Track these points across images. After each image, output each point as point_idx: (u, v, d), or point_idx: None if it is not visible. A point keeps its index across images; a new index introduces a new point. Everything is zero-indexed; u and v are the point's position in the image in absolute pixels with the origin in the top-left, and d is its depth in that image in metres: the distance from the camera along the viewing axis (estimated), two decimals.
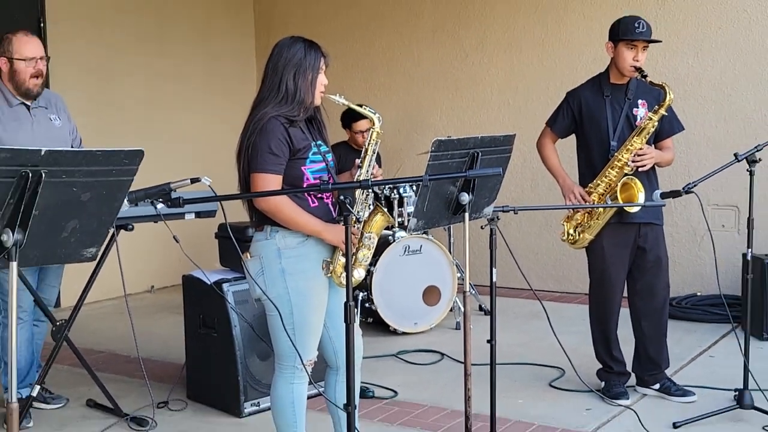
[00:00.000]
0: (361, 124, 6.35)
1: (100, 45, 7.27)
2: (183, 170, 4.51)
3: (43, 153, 1.96)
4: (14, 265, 2.01)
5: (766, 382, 4.31)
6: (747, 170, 4.09)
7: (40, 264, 3.66)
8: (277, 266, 3.31)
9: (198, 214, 4.33)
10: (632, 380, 4.59)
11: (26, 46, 4.20)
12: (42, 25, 6.84)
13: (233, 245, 3.37)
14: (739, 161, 4.07)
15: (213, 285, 4.39)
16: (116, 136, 6.89)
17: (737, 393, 4.17)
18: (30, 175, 1.95)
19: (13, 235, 1.98)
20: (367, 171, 3.40)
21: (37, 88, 4.23)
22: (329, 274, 3.36)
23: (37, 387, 4.33)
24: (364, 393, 4.58)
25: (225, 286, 4.42)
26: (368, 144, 3.43)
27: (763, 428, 3.98)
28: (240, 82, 8.26)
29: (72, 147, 4.32)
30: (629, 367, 4.57)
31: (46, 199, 1.99)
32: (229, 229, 3.28)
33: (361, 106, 3.49)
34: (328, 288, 3.40)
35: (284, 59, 3.35)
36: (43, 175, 1.96)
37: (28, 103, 4.27)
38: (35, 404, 4.40)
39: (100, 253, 2.33)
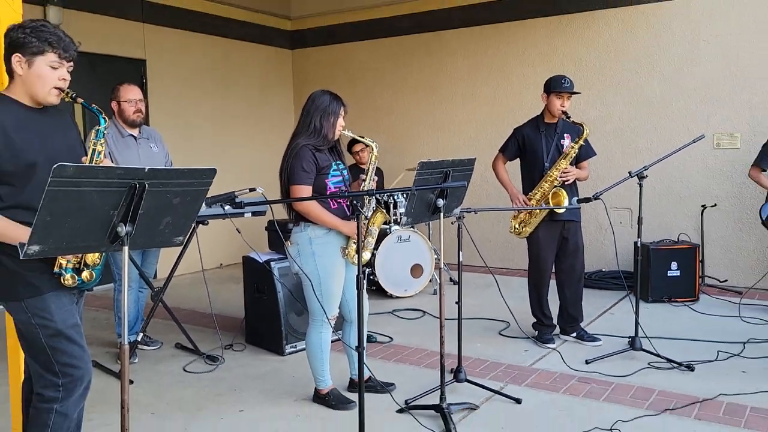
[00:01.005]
0: (356, 147, 6.53)
1: (184, 96, 7.27)
2: (240, 183, 4.58)
3: (146, 170, 1.96)
4: (125, 248, 2.02)
5: (650, 331, 4.35)
6: (637, 183, 4.11)
7: (143, 248, 3.67)
8: (309, 250, 3.33)
9: (253, 213, 4.35)
10: (557, 330, 4.60)
11: (129, 92, 4.26)
12: (144, 81, 6.85)
13: (278, 235, 3.38)
14: (631, 177, 4.10)
15: (264, 263, 4.43)
16: (195, 159, 6.91)
17: (630, 339, 4.19)
18: (137, 186, 1.95)
19: (125, 227, 1.98)
20: (369, 182, 3.43)
21: (139, 119, 4.30)
22: (345, 257, 3.38)
23: (141, 334, 4.38)
24: (370, 339, 4.61)
25: (272, 263, 4.44)
26: (369, 164, 3.46)
27: (649, 363, 4.01)
28: (281, 126, 8.21)
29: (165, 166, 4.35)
30: (555, 321, 4.59)
31: (148, 202, 1.99)
32: (276, 224, 3.31)
33: (363, 137, 3.51)
34: (344, 265, 3.42)
35: (315, 106, 3.37)
36: (147, 186, 1.96)
37: (135, 134, 4.30)
38: (139, 346, 4.44)
39: (185, 240, 2.34)
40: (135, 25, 6.81)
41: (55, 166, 1.78)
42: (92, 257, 2.40)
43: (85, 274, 2.39)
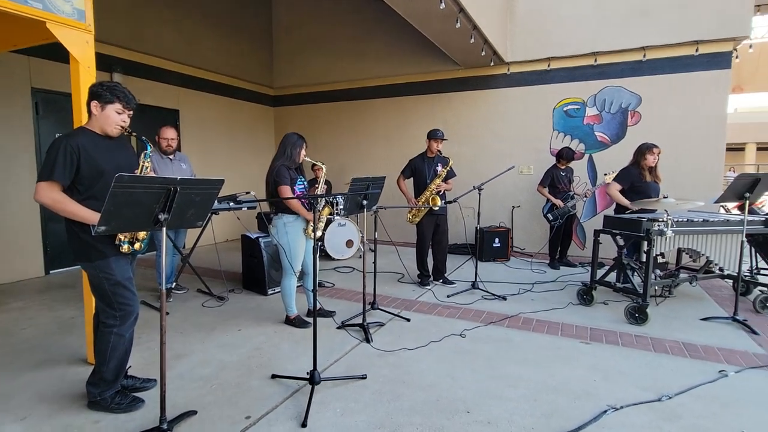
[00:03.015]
0: (316, 167, 6.15)
1: (203, 132, 6.85)
2: (240, 188, 4.40)
3: (178, 179, 1.86)
4: (164, 228, 1.91)
5: (483, 278, 4.50)
6: (478, 192, 4.25)
7: (176, 228, 3.48)
8: (283, 230, 3.25)
9: (248, 207, 4.20)
10: (431, 278, 4.64)
11: (165, 132, 3.96)
12: (177, 123, 6.43)
13: (264, 221, 3.29)
14: (475, 189, 4.23)
15: (255, 239, 4.28)
16: (210, 173, 6.56)
17: (472, 282, 4.32)
18: (172, 189, 1.85)
19: (163, 215, 1.87)
20: (320, 188, 3.39)
21: (170, 149, 3.97)
22: (306, 234, 3.32)
23: (174, 283, 4.13)
24: (320, 285, 4.55)
25: (260, 239, 4.28)
26: (321, 177, 3.42)
27: (482, 296, 4.11)
28: (265, 154, 7.94)
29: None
30: (430, 273, 4.65)
31: (179, 199, 1.89)
32: (262, 215, 3.21)
33: (317, 161, 3.46)
34: (305, 239, 3.36)
35: (287, 141, 3.29)
36: (178, 189, 1.86)
37: (171, 157, 4.02)
38: (173, 291, 4.19)
39: (204, 224, 2.23)
40: (173, 88, 6.37)
41: (116, 175, 1.68)
42: (142, 234, 2.25)
43: (137, 245, 2.24)
